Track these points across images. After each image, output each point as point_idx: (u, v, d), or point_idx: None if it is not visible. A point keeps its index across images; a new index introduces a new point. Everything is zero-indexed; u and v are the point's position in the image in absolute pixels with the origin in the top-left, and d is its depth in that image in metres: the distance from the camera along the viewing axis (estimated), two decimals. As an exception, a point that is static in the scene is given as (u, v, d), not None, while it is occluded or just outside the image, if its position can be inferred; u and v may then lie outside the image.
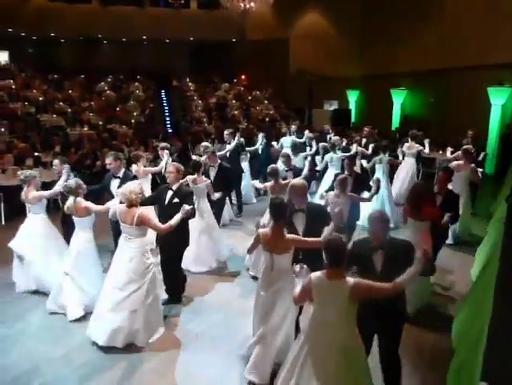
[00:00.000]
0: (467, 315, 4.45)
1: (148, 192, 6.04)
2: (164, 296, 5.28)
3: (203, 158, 7.70)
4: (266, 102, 19.48)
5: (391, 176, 9.31)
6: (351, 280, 3.02)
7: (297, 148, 9.63)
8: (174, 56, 20.95)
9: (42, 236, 5.54)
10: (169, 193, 5.10)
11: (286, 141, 10.89)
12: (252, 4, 15.24)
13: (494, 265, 3.61)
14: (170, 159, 7.41)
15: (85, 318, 4.86)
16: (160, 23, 19.15)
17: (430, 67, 14.46)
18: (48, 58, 19.75)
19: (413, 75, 15.83)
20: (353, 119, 18.87)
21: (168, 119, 18.12)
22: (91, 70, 19.19)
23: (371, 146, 10.16)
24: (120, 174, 6.05)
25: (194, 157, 8.31)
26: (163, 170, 6.94)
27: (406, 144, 10.19)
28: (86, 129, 14.19)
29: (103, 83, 18.30)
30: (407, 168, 9.94)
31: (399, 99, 17.18)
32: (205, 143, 8.72)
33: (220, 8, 17.84)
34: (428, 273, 3.68)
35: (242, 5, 15.23)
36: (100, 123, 14.98)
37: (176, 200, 5.02)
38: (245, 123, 16.72)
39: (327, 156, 9.02)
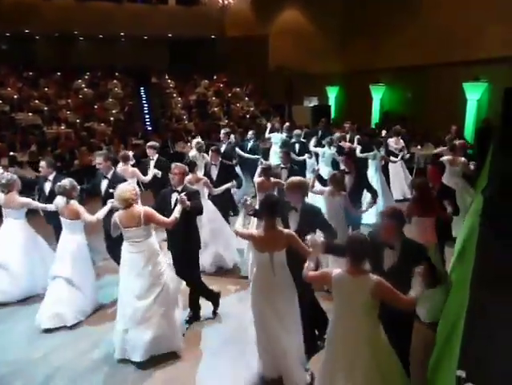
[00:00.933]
0: (443, 306, 4.50)
1: None
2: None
3: (192, 154, 7.66)
4: (246, 98, 19.45)
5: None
6: (374, 277, 2.95)
7: (287, 147, 9.51)
8: (153, 53, 20.70)
9: (23, 241, 5.39)
10: (175, 196, 4.68)
11: (276, 138, 10.88)
12: (231, 0, 15.19)
13: (469, 256, 3.68)
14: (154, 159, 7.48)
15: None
16: (138, 19, 18.89)
17: (409, 63, 14.64)
18: (23, 55, 19.25)
19: (392, 71, 16.01)
20: (333, 115, 18.98)
21: (147, 116, 17.93)
22: (67, 68, 18.81)
23: (356, 138, 10.41)
24: (109, 175, 5.84)
25: (191, 154, 8.30)
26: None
27: (391, 140, 10.32)
28: (63, 127, 13.94)
29: (80, 81, 17.98)
30: (398, 164, 10.02)
31: (378, 94, 17.35)
32: (197, 140, 8.75)
33: (198, 4, 17.79)
34: (437, 282, 3.54)
35: (221, 1, 15.17)
36: (78, 121, 14.74)
37: None
38: (226, 120, 16.66)
39: (320, 150, 9.05)
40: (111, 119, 15.62)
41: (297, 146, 9.66)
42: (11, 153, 10.24)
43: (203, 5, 16.52)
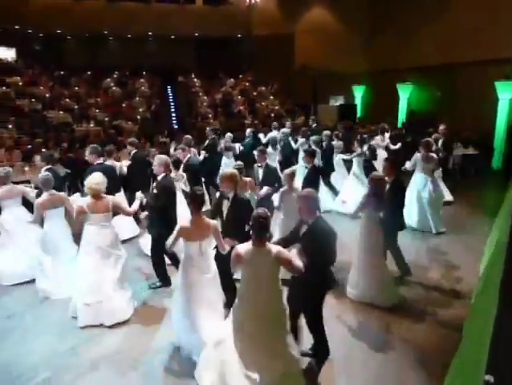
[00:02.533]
0: (471, 311, 4.44)
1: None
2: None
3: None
4: (271, 97, 19.44)
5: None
6: (275, 247, 3.36)
7: (275, 144, 9.68)
8: (180, 52, 20.93)
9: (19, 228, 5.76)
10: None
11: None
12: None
13: (500, 259, 3.60)
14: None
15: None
16: (165, 19, 19.14)
17: (437, 62, 14.36)
18: (55, 55, 19.80)
19: (420, 70, 15.72)
20: (359, 114, 18.78)
21: (173, 115, 18.16)
22: (97, 67, 19.26)
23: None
24: (96, 163, 6.40)
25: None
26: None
27: (377, 138, 10.35)
28: (92, 125, 14.26)
29: (109, 80, 18.35)
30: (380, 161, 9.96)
31: (405, 93, 17.07)
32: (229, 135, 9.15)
33: (225, 3, 17.87)
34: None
35: (248, 0, 15.19)
36: (106, 119, 15.06)
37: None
38: (251, 119, 16.69)
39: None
40: (138, 117, 15.89)
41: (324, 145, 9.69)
42: (43, 150, 10.55)
43: (230, 4, 16.60)
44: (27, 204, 5.95)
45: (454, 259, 6.56)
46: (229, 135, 10.25)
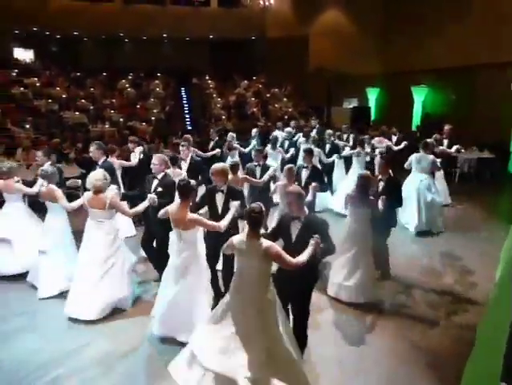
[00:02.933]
0: (485, 317, 4.38)
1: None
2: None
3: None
4: (285, 99, 19.43)
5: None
6: (266, 241, 3.44)
7: (275, 144, 9.80)
8: (194, 54, 21.05)
9: (18, 221, 5.94)
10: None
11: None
12: (271, 1, 15.22)
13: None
14: (142, 155, 8.10)
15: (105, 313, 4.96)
16: (180, 21, 19.27)
17: (453, 64, 14.20)
18: (71, 57, 20.08)
19: (435, 73, 15.58)
20: (373, 116, 18.67)
21: (187, 116, 18.26)
22: (112, 68, 19.47)
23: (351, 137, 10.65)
24: (100, 161, 6.48)
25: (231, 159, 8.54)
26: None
27: (376, 139, 10.41)
28: (107, 126, 14.42)
29: (124, 81, 18.54)
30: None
31: (420, 96, 16.92)
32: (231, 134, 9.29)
33: (240, 6, 17.93)
34: (327, 252, 3.87)
35: (262, 2, 15.22)
36: (121, 120, 15.21)
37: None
38: (264, 121, 16.71)
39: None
40: (153, 118, 16.02)
41: (327, 146, 9.86)
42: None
43: (244, 7, 16.65)
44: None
45: (468, 264, 6.49)
46: (231, 134, 10.34)
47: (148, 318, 4.74)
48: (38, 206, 6.15)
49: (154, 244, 5.76)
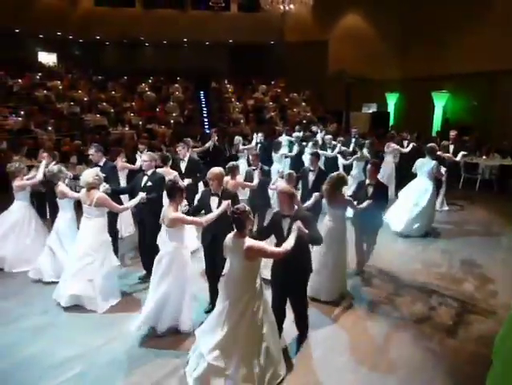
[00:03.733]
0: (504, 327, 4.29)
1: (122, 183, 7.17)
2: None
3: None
4: (303, 104, 19.40)
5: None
6: (247, 241, 3.59)
7: (278, 149, 9.81)
8: (213, 58, 21.21)
9: (21, 219, 6.28)
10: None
11: (284, 140, 11.07)
12: (291, 6, 15.24)
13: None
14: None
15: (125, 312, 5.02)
16: (200, 26, 19.45)
17: (476, 69, 13.97)
18: (93, 60, 20.45)
19: (457, 78, 15.36)
20: (392, 122, 18.50)
21: (206, 119, 18.39)
22: (133, 72, 19.76)
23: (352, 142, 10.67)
24: (101, 163, 6.58)
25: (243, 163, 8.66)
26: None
27: (386, 144, 10.48)
28: (127, 129, 14.61)
29: (144, 84, 18.79)
30: (385, 165, 9.96)
31: (440, 102, 16.70)
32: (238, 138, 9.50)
33: (260, 10, 17.99)
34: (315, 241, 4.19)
35: (282, 7, 15.25)
36: (140, 123, 15.39)
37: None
38: (282, 125, 16.70)
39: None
40: (172, 121, 16.18)
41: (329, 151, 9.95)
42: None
43: (264, 11, 16.71)
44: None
45: (488, 272, 6.37)
46: (237, 138, 10.55)
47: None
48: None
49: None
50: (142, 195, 5.42)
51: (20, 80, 15.93)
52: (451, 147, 9.57)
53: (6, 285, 5.80)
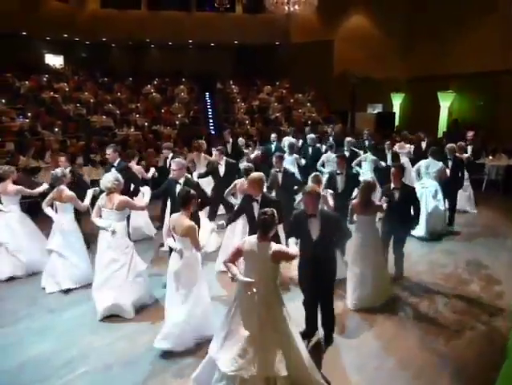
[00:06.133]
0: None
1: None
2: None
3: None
4: (308, 104, 19.39)
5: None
6: (273, 245, 3.62)
7: (293, 150, 9.68)
8: (219, 59, 21.24)
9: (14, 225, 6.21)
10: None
11: (285, 141, 10.95)
12: (296, 7, 15.24)
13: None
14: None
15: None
16: (205, 27, 19.47)
17: (482, 69, 13.91)
18: (100, 62, 20.56)
19: (463, 77, 15.29)
20: (397, 122, 18.44)
21: (211, 120, 18.42)
22: (138, 74, 19.84)
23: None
24: (116, 163, 6.72)
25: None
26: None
27: (397, 144, 10.36)
28: (132, 130, 14.68)
29: (149, 86, 18.85)
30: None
31: (446, 102, 16.63)
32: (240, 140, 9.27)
33: (264, 12, 18.01)
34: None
35: (286, 8, 15.25)
36: (146, 124, 15.45)
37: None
38: (287, 126, 16.71)
39: (324, 156, 9.33)
40: (177, 122, 16.23)
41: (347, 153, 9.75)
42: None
43: (269, 12, 16.73)
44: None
45: (494, 273, 6.35)
46: (241, 140, 10.69)
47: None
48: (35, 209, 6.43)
49: None
50: (147, 189, 5.61)
51: (27, 82, 16.03)
52: (469, 148, 9.53)
53: (13, 285, 5.86)
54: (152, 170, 7.87)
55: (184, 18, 19.81)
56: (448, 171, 8.06)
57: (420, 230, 7.63)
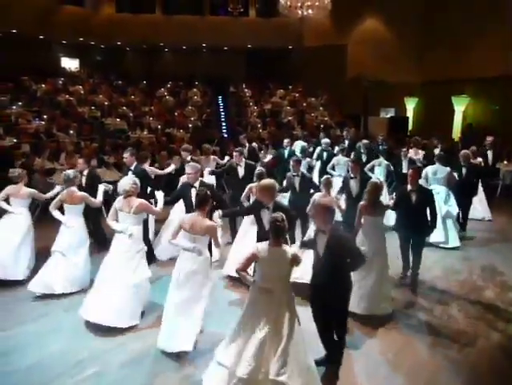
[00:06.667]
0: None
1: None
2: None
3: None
4: (321, 108, 19.35)
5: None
6: (291, 249, 3.71)
7: (305, 153, 9.64)
8: (232, 63, 21.33)
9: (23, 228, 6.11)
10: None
11: (297, 146, 10.92)
12: (310, 11, 15.26)
13: None
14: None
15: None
16: (219, 31, 19.61)
17: (496, 73, 13.75)
18: (114, 66, 20.80)
19: (477, 82, 15.12)
20: (410, 127, 18.31)
21: (224, 124, 18.49)
22: (152, 77, 20.01)
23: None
24: (132, 167, 6.74)
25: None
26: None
27: (411, 151, 10.16)
28: (145, 133, 14.80)
29: (163, 89, 19.00)
30: None
31: (461, 106, 16.46)
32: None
33: (278, 16, 18.06)
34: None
35: (300, 12, 15.27)
36: (159, 127, 15.56)
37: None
38: (300, 130, 16.69)
39: (335, 159, 9.28)
40: (190, 125, 16.31)
41: (363, 157, 9.81)
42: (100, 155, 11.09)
43: (282, 16, 16.78)
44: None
45: (510, 280, 6.26)
46: (254, 144, 10.66)
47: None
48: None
49: None
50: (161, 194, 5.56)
51: (43, 85, 16.29)
52: (489, 153, 9.44)
53: (26, 287, 5.92)
54: (173, 166, 7.99)
55: (197, 22, 19.96)
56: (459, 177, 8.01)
57: (436, 236, 7.49)
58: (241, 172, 7.57)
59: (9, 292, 5.66)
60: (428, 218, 5.76)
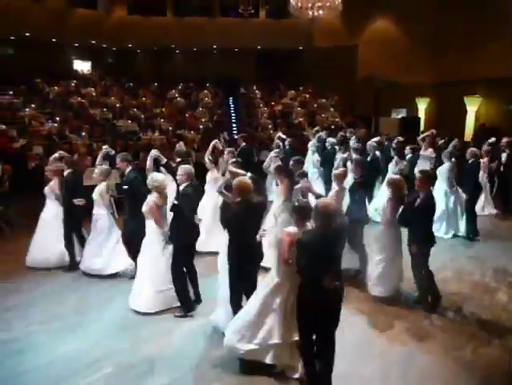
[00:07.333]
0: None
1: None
2: None
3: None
4: (332, 109, 19.29)
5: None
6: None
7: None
8: (242, 64, 21.38)
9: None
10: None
11: (310, 144, 10.97)
12: (320, 12, 15.22)
13: None
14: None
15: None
16: (229, 33, 19.67)
17: (509, 73, 13.60)
18: (125, 68, 20.98)
19: (488, 82, 14.96)
20: (422, 127, 18.16)
21: (234, 125, 18.54)
22: (163, 79, 20.15)
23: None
24: (126, 172, 6.64)
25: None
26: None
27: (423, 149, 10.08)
28: (157, 134, 14.90)
29: (173, 91, 19.11)
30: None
31: (473, 107, 16.30)
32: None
33: (288, 17, 18.07)
34: None
35: (311, 13, 15.25)
36: (170, 128, 15.65)
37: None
38: (310, 130, 16.64)
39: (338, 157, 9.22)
40: (201, 127, 16.39)
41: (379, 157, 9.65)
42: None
43: (293, 17, 16.78)
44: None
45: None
46: (288, 140, 10.61)
47: (196, 319, 4.95)
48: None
49: None
50: None
51: (56, 87, 16.49)
52: (503, 155, 9.40)
53: (43, 284, 6.00)
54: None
55: (207, 24, 20.04)
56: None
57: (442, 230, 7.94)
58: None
59: (23, 294, 5.74)
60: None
